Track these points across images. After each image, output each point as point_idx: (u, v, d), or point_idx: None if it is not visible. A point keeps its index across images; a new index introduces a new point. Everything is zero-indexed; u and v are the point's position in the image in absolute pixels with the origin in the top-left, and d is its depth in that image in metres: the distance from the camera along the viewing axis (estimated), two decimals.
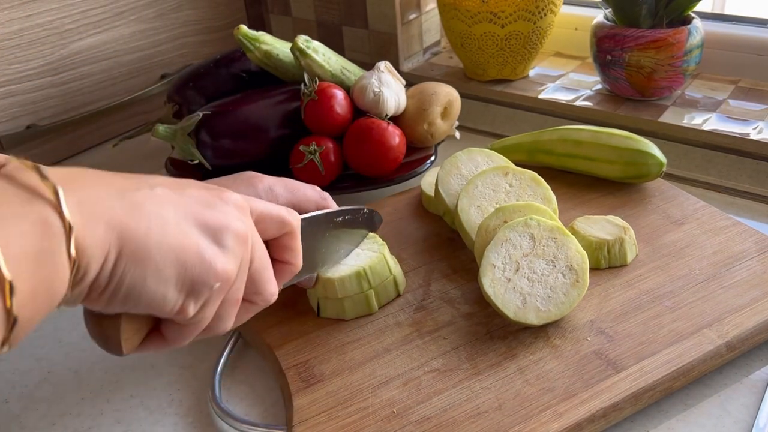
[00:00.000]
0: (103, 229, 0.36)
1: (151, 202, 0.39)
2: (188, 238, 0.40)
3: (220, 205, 0.43)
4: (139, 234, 0.37)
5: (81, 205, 0.35)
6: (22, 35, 1.01)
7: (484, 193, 0.74)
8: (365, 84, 0.88)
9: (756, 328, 0.62)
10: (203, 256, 0.40)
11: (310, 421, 0.57)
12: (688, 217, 0.77)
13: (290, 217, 0.51)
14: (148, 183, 0.40)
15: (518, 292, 0.62)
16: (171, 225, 0.39)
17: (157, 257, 0.38)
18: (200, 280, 0.40)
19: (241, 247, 0.43)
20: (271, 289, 0.49)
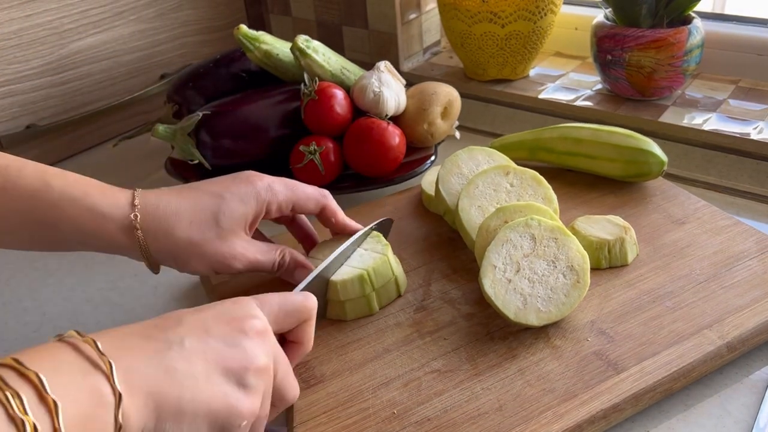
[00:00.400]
0: (143, 398, 0.41)
1: (182, 362, 0.43)
2: (216, 391, 0.44)
3: (241, 340, 0.46)
4: (173, 398, 0.42)
5: (126, 375, 0.40)
6: (21, 35, 1.01)
7: (484, 192, 0.74)
8: (365, 84, 0.88)
9: (756, 329, 0.62)
10: (230, 403, 0.44)
11: (311, 422, 0.57)
12: (689, 216, 0.77)
13: (308, 304, 0.54)
14: (178, 335, 0.45)
15: (519, 293, 0.62)
16: (201, 381, 0.43)
17: (190, 414, 0.43)
18: (229, 422, 0.45)
19: (263, 379, 0.47)
20: (293, 393, 0.52)
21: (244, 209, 0.62)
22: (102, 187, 0.60)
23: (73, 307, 0.79)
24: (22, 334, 0.76)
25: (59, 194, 0.58)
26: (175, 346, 0.44)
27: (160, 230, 0.60)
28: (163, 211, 0.60)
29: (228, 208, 0.61)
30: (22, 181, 0.57)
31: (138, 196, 0.60)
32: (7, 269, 0.86)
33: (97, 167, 1.09)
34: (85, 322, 0.76)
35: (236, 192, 0.62)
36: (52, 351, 0.40)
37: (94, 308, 0.78)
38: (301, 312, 0.53)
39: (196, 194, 0.62)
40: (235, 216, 0.62)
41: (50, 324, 0.77)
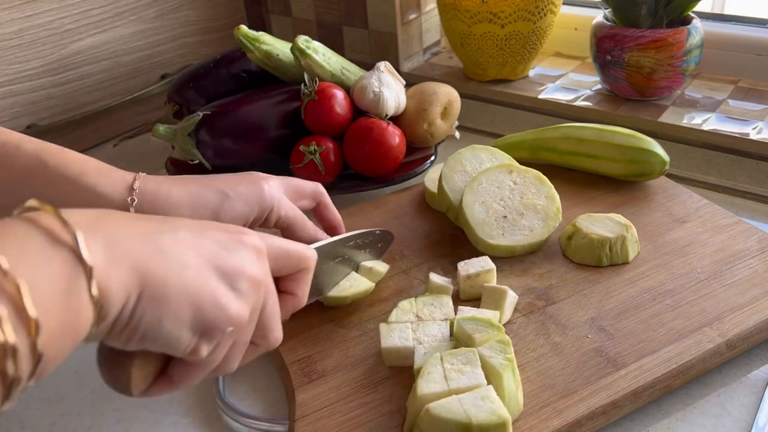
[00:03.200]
0: (126, 272, 0.38)
1: (173, 246, 0.41)
2: (205, 283, 0.42)
3: (239, 249, 0.45)
4: (159, 278, 0.39)
5: (106, 248, 0.37)
6: (22, 35, 1.01)
7: (488, 189, 0.74)
8: (365, 84, 0.88)
9: (756, 327, 0.62)
10: (219, 300, 0.42)
11: (313, 415, 0.57)
12: (691, 215, 0.77)
13: (308, 253, 0.52)
14: (171, 226, 0.42)
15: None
16: (190, 270, 0.41)
17: (175, 300, 0.40)
18: (214, 323, 0.42)
19: (255, 292, 0.45)
20: (276, 335, 0.50)
21: (246, 211, 0.61)
22: (100, 166, 0.59)
23: None
24: None
25: (54, 172, 0.57)
26: (168, 233, 0.41)
27: None
28: (161, 201, 0.58)
29: (231, 208, 0.60)
30: (18, 159, 0.57)
31: (139, 180, 0.58)
32: None
33: None
34: None
35: (242, 193, 0.61)
36: (13, 230, 0.35)
37: None
38: (300, 258, 0.52)
39: (199, 189, 0.60)
40: (236, 217, 0.60)
41: None
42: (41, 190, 0.57)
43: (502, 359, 0.55)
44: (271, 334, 0.49)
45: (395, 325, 0.62)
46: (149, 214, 0.57)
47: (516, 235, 0.72)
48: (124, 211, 0.42)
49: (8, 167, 0.57)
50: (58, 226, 0.36)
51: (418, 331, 0.61)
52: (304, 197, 0.67)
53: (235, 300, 0.43)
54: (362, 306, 0.69)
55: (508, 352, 0.56)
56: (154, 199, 0.58)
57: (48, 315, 0.33)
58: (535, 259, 0.73)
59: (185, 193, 0.59)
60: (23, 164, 0.57)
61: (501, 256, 0.72)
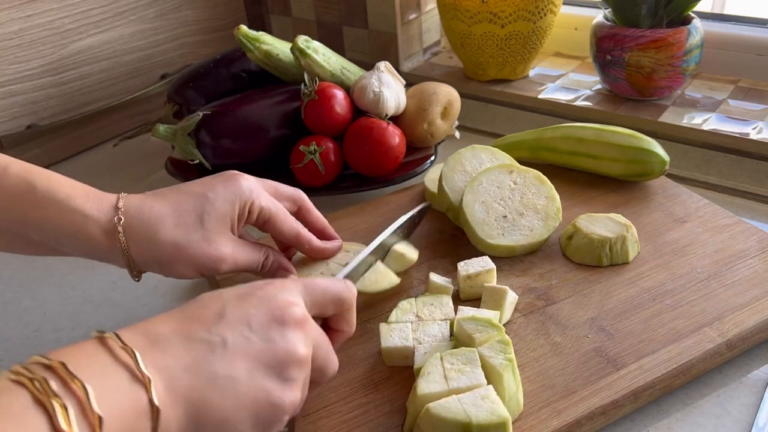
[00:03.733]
0: (183, 407, 0.41)
1: (224, 365, 0.43)
2: (258, 390, 0.44)
3: (284, 334, 0.46)
4: (215, 406, 0.42)
5: (166, 387, 0.41)
6: (22, 35, 1.01)
7: (488, 189, 0.74)
8: (365, 84, 0.88)
9: (756, 327, 0.62)
10: (273, 400, 0.45)
11: (313, 415, 0.57)
12: (691, 215, 0.77)
13: (348, 294, 0.54)
14: (220, 333, 0.44)
15: None
16: (242, 382, 0.44)
17: (233, 417, 0.43)
18: (273, 419, 0.45)
19: (303, 370, 0.47)
20: (333, 370, 0.52)
21: (228, 209, 0.61)
22: (86, 189, 0.59)
23: (73, 307, 0.79)
24: (22, 334, 0.75)
25: (43, 195, 0.57)
26: (218, 348, 0.44)
27: (144, 234, 0.58)
28: (147, 215, 0.59)
29: (213, 208, 0.60)
30: (5, 181, 0.57)
31: (122, 199, 0.59)
32: (8, 269, 0.86)
33: (97, 167, 1.09)
34: (86, 322, 0.76)
35: (220, 191, 0.61)
36: (96, 356, 0.40)
37: (94, 308, 0.78)
38: (342, 301, 0.53)
39: (179, 196, 0.61)
40: (220, 216, 0.61)
41: (50, 324, 0.76)
42: (30, 212, 0.57)
43: (502, 359, 0.55)
44: (328, 373, 0.52)
45: (395, 325, 0.62)
46: (136, 230, 0.58)
47: (516, 235, 0.72)
48: (172, 318, 0.45)
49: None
50: (134, 366, 0.40)
51: (418, 331, 0.61)
52: (284, 199, 0.66)
53: (287, 390, 0.46)
54: (362, 306, 0.69)
55: (509, 352, 0.56)
56: (139, 215, 0.59)
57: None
58: (535, 259, 0.73)
59: (167, 204, 0.60)
60: (12, 186, 0.57)
61: (501, 256, 0.72)
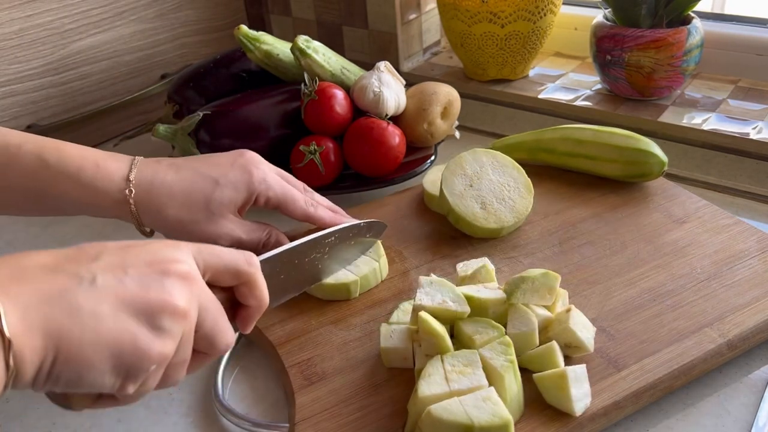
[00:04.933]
0: (40, 338, 0.38)
1: (88, 300, 0.41)
2: (123, 330, 0.41)
3: (162, 282, 0.44)
4: (74, 338, 0.40)
5: (22, 317, 0.38)
6: (22, 35, 1.01)
7: None
8: (365, 84, 0.88)
9: (757, 327, 0.62)
10: (138, 345, 0.42)
11: (313, 419, 0.57)
12: (690, 215, 0.77)
13: (246, 267, 0.51)
14: (90, 273, 0.42)
15: None
16: (107, 320, 0.41)
17: (92, 355, 0.40)
18: (136, 366, 0.42)
19: (179, 323, 0.44)
20: (224, 343, 0.49)
21: (236, 196, 0.65)
22: (96, 158, 0.61)
23: None
24: None
25: (55, 171, 0.60)
26: (85, 283, 0.41)
27: (153, 208, 0.62)
28: (157, 191, 0.62)
29: (221, 195, 0.64)
30: (20, 159, 0.59)
31: (135, 168, 0.62)
32: None
33: None
34: None
35: (232, 179, 0.64)
36: None
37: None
38: (238, 271, 0.50)
39: (192, 176, 0.64)
40: (226, 202, 0.64)
41: None
42: (43, 188, 0.60)
43: (503, 361, 0.55)
44: (219, 344, 0.48)
45: (395, 326, 0.62)
46: (145, 203, 0.62)
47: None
48: (45, 253, 0.43)
49: (11, 168, 0.60)
50: None
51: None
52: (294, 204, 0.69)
53: (156, 339, 0.43)
54: (362, 308, 0.69)
55: (510, 354, 0.56)
56: (150, 189, 0.62)
57: None
58: (534, 260, 0.73)
59: (178, 180, 0.63)
60: (26, 164, 0.60)
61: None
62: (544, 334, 0.60)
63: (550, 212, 0.80)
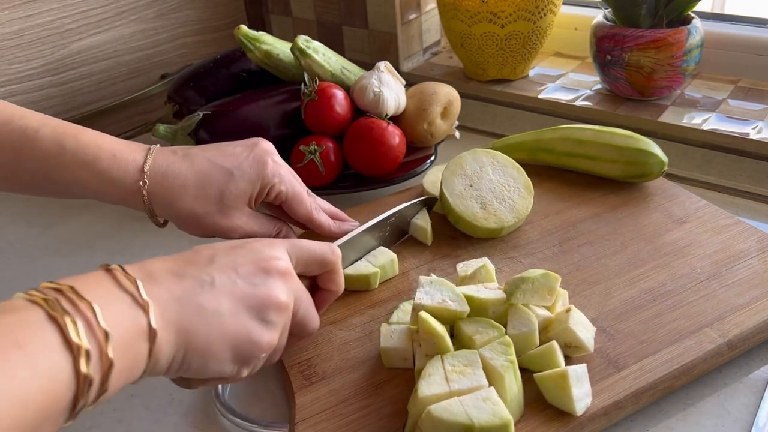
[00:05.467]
0: (174, 335, 0.45)
1: (211, 301, 0.48)
2: (240, 326, 0.49)
3: (266, 281, 0.51)
4: (201, 335, 0.47)
5: (162, 313, 0.44)
6: (22, 35, 1.01)
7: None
8: (365, 84, 0.88)
9: (757, 327, 0.62)
10: (251, 338, 0.49)
11: (313, 419, 0.57)
12: (690, 215, 0.77)
13: (332, 257, 0.59)
14: (209, 276, 0.49)
15: None
16: (226, 317, 0.48)
17: (216, 348, 0.48)
18: (250, 355, 0.50)
19: (282, 316, 0.52)
20: (313, 326, 0.57)
21: (250, 188, 0.65)
22: (113, 149, 0.62)
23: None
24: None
25: (72, 156, 0.61)
26: (206, 286, 0.48)
27: (165, 199, 0.63)
28: (170, 183, 0.63)
29: (235, 187, 0.64)
30: (38, 143, 0.60)
31: (150, 159, 0.63)
32: (9, 269, 0.86)
33: None
34: None
35: (246, 170, 0.65)
36: (102, 283, 0.43)
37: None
38: (325, 261, 0.58)
39: (206, 167, 0.64)
40: (240, 194, 0.65)
41: None
42: (60, 172, 0.61)
43: (503, 361, 0.55)
44: (309, 328, 0.57)
45: (395, 326, 0.62)
46: (159, 194, 0.63)
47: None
48: (168, 259, 0.49)
49: (29, 151, 0.61)
50: (136, 293, 0.44)
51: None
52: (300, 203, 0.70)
53: (266, 331, 0.50)
54: (362, 308, 0.69)
55: (510, 354, 0.56)
56: (163, 181, 0.63)
57: (118, 359, 0.41)
58: (534, 260, 0.73)
59: (192, 172, 0.64)
60: (43, 149, 0.61)
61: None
62: (544, 334, 0.60)
63: (550, 212, 0.80)
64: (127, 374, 0.42)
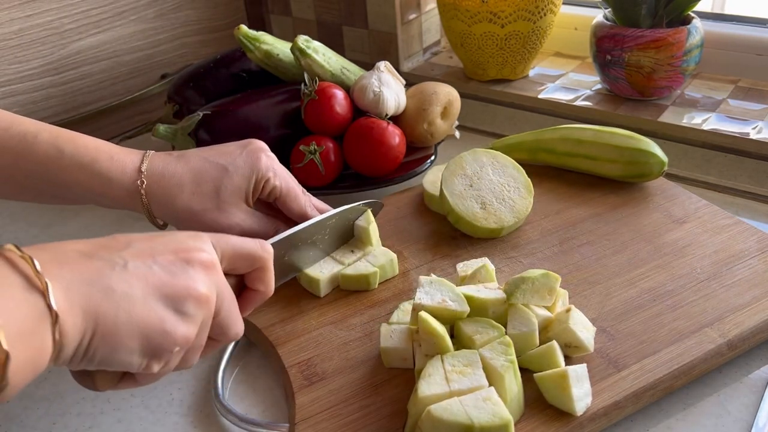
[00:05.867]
0: (80, 316, 0.42)
1: (122, 283, 0.44)
2: (152, 314, 0.45)
3: (186, 271, 0.48)
4: (109, 318, 0.43)
5: (65, 295, 0.41)
6: (22, 35, 1.01)
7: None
8: (365, 84, 0.88)
9: (757, 327, 0.62)
10: (164, 328, 0.45)
11: (312, 419, 0.57)
12: (690, 216, 0.77)
13: (262, 253, 0.55)
14: (121, 258, 0.45)
15: None
16: (138, 303, 0.44)
17: (124, 334, 0.44)
18: (162, 347, 0.46)
19: (201, 309, 0.48)
20: (235, 331, 0.53)
21: (245, 183, 0.66)
22: (111, 151, 0.63)
23: None
24: None
25: (70, 160, 0.62)
26: (118, 268, 0.45)
27: (163, 198, 0.63)
28: (167, 182, 0.63)
29: (230, 183, 0.65)
30: (37, 147, 0.62)
31: (146, 160, 0.64)
32: None
33: None
34: None
35: (240, 166, 0.65)
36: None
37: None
38: (254, 258, 0.55)
39: (201, 164, 0.65)
40: (236, 189, 0.65)
41: None
42: (60, 175, 0.62)
43: (503, 361, 0.55)
44: (230, 332, 0.52)
45: (395, 326, 0.62)
46: (157, 194, 0.63)
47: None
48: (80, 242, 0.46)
49: (28, 155, 0.62)
50: (32, 273, 0.40)
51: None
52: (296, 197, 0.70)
53: (181, 323, 0.46)
54: (362, 308, 0.69)
55: (510, 354, 0.56)
56: (160, 180, 0.63)
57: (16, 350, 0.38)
58: (534, 260, 0.73)
59: (188, 170, 0.65)
60: (42, 153, 0.62)
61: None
62: (544, 334, 0.60)
63: (550, 212, 0.80)
64: (32, 365, 0.39)
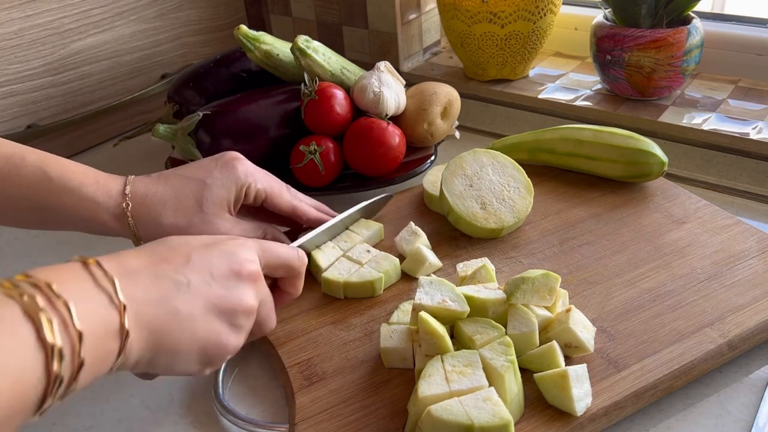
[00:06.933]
0: (146, 334, 0.46)
1: (186, 304, 0.48)
2: (210, 329, 0.50)
3: (238, 286, 0.52)
4: (173, 337, 0.48)
5: (136, 315, 0.45)
6: (22, 35, 1.01)
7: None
8: (365, 84, 0.88)
9: (757, 327, 0.62)
10: (220, 341, 0.51)
11: (312, 419, 0.57)
12: (690, 216, 0.77)
13: (298, 263, 0.60)
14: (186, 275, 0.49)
15: None
16: (199, 322, 0.49)
17: (185, 350, 0.49)
18: (217, 357, 0.52)
19: (249, 320, 0.53)
20: (270, 326, 0.58)
21: (225, 193, 0.67)
22: (96, 176, 0.65)
23: None
24: None
25: (57, 184, 0.63)
26: (183, 288, 0.49)
27: (149, 218, 0.65)
28: (150, 201, 0.65)
29: (211, 194, 0.66)
30: (23, 170, 0.62)
31: (129, 184, 0.65)
32: (7, 269, 0.86)
33: (97, 167, 1.07)
34: None
35: (218, 177, 0.67)
36: (78, 279, 0.43)
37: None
38: (291, 267, 0.59)
39: (180, 182, 0.67)
40: (218, 200, 0.67)
41: None
42: (47, 198, 0.63)
43: (503, 361, 0.55)
44: (266, 328, 0.58)
45: (395, 326, 0.62)
46: (142, 215, 0.65)
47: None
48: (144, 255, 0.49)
49: (15, 177, 0.62)
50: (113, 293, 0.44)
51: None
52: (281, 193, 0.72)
53: (233, 335, 0.52)
54: (362, 308, 0.69)
55: (510, 354, 0.56)
56: (144, 201, 0.65)
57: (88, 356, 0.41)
58: (534, 260, 0.73)
59: (169, 189, 0.66)
60: (29, 175, 0.62)
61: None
62: (544, 334, 0.60)
63: (550, 212, 0.80)
64: (96, 371, 0.43)
